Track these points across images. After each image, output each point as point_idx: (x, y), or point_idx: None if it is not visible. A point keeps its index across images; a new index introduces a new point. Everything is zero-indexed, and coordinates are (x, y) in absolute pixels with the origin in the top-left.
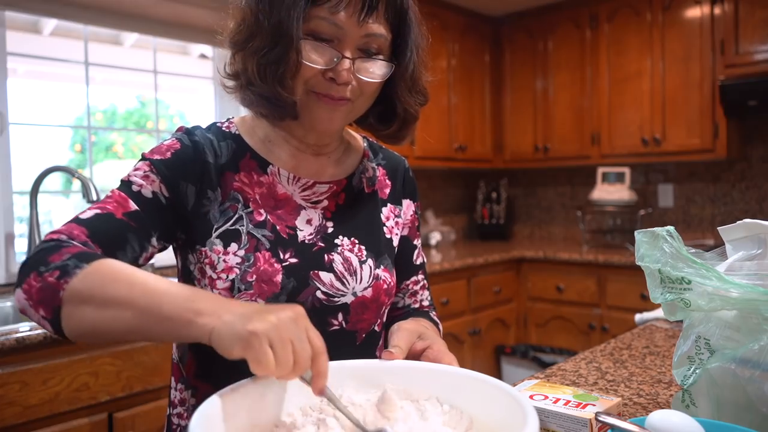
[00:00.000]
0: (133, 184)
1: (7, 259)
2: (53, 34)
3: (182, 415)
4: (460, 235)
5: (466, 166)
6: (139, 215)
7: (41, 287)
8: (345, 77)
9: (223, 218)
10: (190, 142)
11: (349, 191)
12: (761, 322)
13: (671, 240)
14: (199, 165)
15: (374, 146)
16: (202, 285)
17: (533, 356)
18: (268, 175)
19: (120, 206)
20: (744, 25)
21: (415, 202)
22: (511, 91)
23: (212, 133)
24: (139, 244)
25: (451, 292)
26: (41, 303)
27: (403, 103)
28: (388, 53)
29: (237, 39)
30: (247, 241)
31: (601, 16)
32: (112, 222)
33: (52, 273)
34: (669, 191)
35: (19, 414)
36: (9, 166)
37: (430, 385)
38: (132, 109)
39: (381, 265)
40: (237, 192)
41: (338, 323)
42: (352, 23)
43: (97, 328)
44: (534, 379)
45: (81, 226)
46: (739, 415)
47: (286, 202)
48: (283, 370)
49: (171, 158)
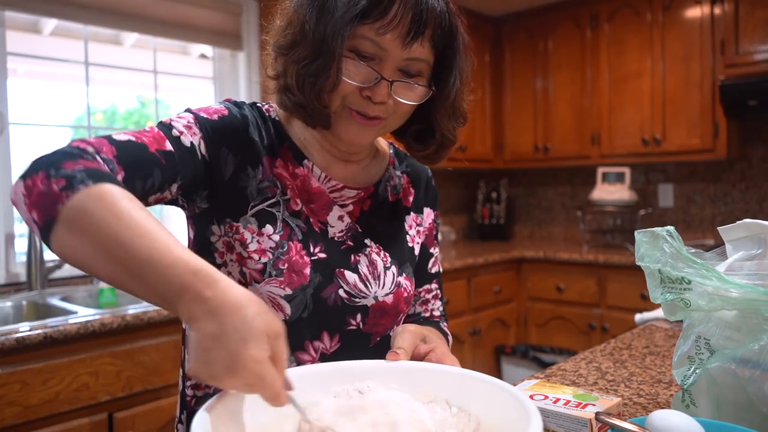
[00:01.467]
0: (174, 129)
1: (7, 259)
2: (53, 34)
3: (199, 386)
4: (460, 235)
5: (466, 166)
6: (171, 156)
7: (43, 191)
8: (382, 97)
9: (260, 197)
10: (239, 113)
11: (375, 199)
12: (761, 322)
13: (671, 240)
14: (245, 138)
15: (400, 153)
16: (225, 259)
17: (533, 356)
18: (303, 168)
19: (156, 142)
20: (744, 25)
21: (435, 210)
22: (511, 90)
23: (257, 113)
24: (160, 183)
25: (451, 292)
26: (36, 206)
27: (442, 128)
28: (428, 76)
29: (281, 43)
30: (282, 228)
31: (601, 16)
32: (143, 152)
33: (59, 180)
34: (669, 191)
35: (19, 414)
36: (9, 166)
37: (435, 387)
38: (132, 109)
39: (403, 272)
40: (276, 177)
41: (356, 324)
42: (397, 46)
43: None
44: (534, 379)
45: (112, 146)
46: (739, 415)
47: (320, 197)
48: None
49: (218, 121)
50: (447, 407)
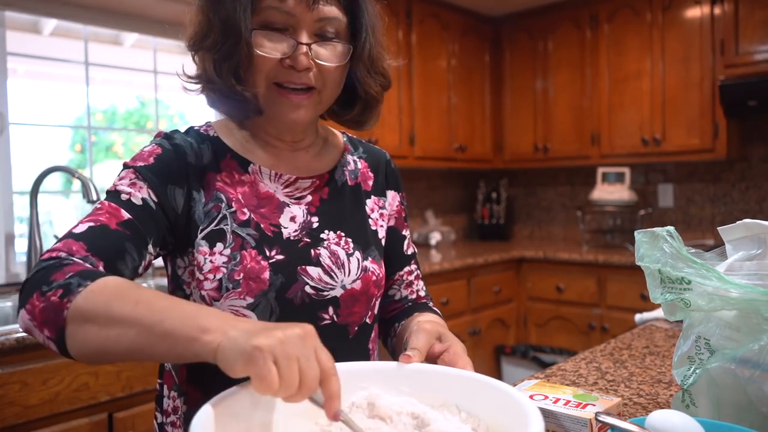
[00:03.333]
0: (122, 193)
1: (7, 259)
2: (53, 34)
3: (176, 423)
4: (460, 235)
5: (466, 166)
6: (132, 223)
7: (45, 307)
8: (304, 62)
9: (207, 219)
10: (171, 145)
11: (332, 185)
12: (761, 322)
13: (671, 240)
14: (182, 168)
15: (354, 141)
16: (191, 288)
17: (533, 356)
18: (250, 174)
19: (112, 216)
20: (744, 25)
21: (400, 193)
22: (511, 91)
23: (191, 137)
24: (138, 253)
25: (451, 292)
26: (45, 323)
27: (363, 84)
28: (346, 36)
29: (193, 40)
30: (233, 240)
31: (601, 17)
32: (107, 233)
33: (54, 292)
34: (669, 191)
35: (19, 414)
36: (9, 166)
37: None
38: (132, 109)
39: (369, 257)
40: (220, 192)
41: (329, 317)
42: (303, 9)
43: (101, 346)
44: (534, 379)
45: (78, 241)
46: (739, 415)
47: (269, 201)
48: (288, 389)
49: (155, 163)
50: (457, 412)
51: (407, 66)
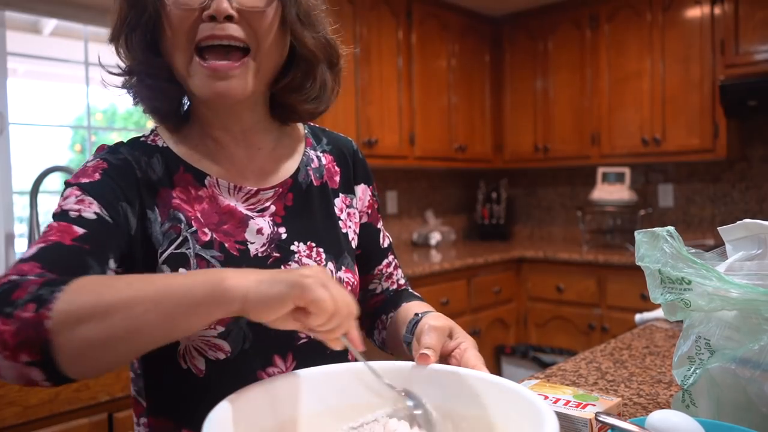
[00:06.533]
0: (70, 212)
1: (7, 259)
2: (53, 34)
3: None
4: (460, 235)
5: (466, 166)
6: (88, 237)
7: (17, 328)
8: (223, 8)
9: (166, 241)
10: (117, 160)
11: (296, 189)
12: (761, 322)
13: (671, 240)
14: (132, 185)
15: (316, 131)
16: None
17: (533, 356)
18: (207, 188)
19: (65, 234)
20: (744, 25)
21: (369, 185)
22: (511, 91)
23: (138, 150)
24: (100, 268)
25: (451, 292)
26: (22, 346)
27: (298, 37)
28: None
29: (112, 33)
30: (196, 264)
31: (601, 17)
32: (63, 250)
33: (24, 308)
34: (669, 191)
35: (19, 414)
36: (9, 166)
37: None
38: (132, 109)
39: (342, 266)
40: (177, 210)
41: (305, 335)
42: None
43: (108, 339)
44: (534, 379)
45: (30, 262)
46: (739, 415)
47: (231, 216)
48: (341, 312)
49: (102, 179)
50: None
51: (407, 66)
